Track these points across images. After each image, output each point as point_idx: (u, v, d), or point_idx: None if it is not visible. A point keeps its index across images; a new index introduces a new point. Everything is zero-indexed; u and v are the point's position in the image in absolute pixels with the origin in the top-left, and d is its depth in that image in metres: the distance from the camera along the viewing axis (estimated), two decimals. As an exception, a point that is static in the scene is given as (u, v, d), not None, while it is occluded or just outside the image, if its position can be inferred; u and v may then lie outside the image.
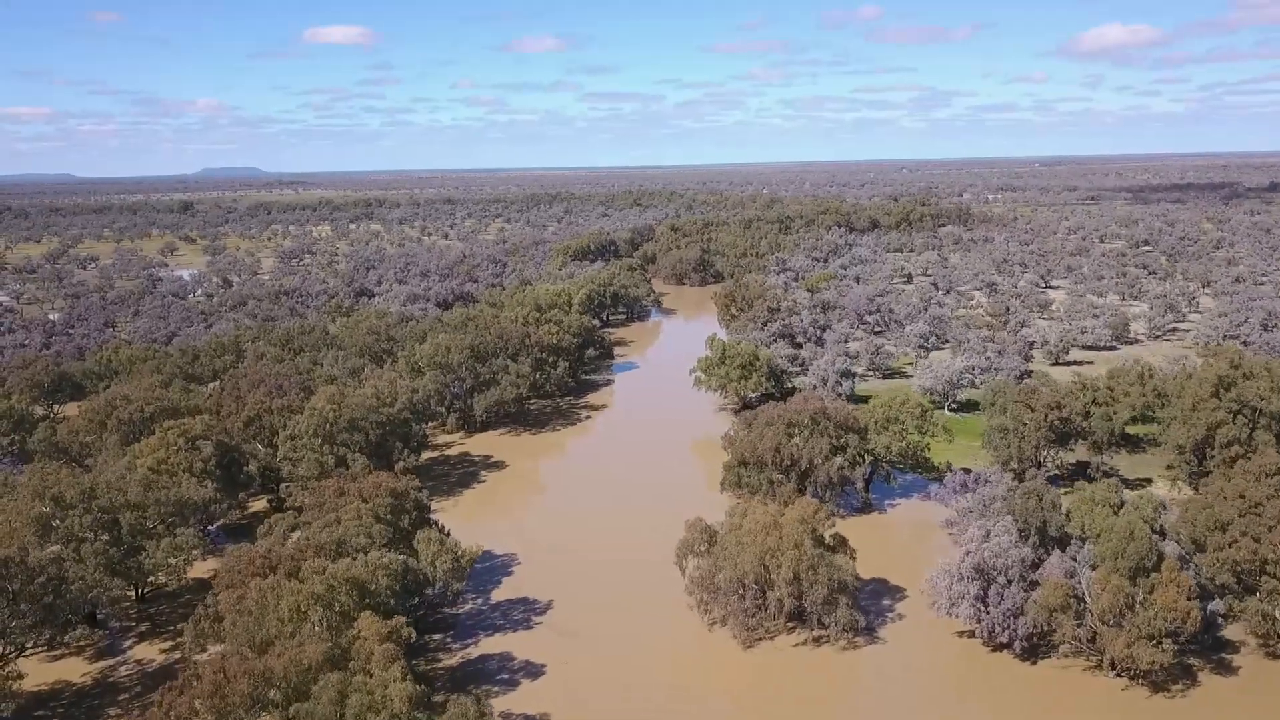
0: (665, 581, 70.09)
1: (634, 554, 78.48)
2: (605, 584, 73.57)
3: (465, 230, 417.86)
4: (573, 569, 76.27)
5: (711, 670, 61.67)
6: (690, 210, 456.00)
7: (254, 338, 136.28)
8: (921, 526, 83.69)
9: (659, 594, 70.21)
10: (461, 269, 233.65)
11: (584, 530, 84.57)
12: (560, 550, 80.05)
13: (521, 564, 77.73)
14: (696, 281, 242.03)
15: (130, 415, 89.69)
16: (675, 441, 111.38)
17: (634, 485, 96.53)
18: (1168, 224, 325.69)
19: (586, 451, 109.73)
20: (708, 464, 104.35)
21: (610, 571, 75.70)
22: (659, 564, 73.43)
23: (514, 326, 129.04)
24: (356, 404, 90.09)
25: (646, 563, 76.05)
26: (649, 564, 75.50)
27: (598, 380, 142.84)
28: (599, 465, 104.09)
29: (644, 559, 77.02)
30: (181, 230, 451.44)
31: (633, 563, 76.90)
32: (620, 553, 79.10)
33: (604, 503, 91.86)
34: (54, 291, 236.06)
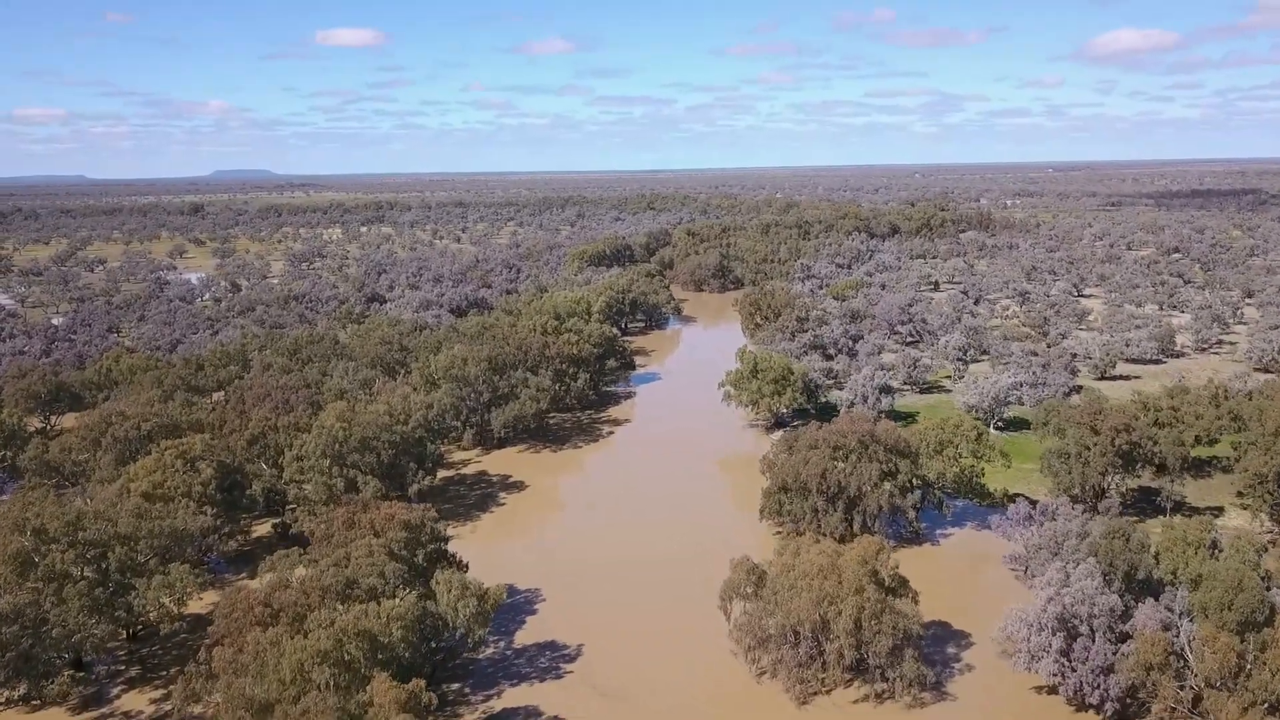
0: (705, 622, 63.77)
1: (668, 590, 72.13)
2: (639, 625, 67.18)
3: (477, 234, 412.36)
4: (603, 607, 69.91)
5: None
6: (704, 214, 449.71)
7: (260, 346, 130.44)
8: (979, 560, 77.09)
9: (699, 637, 63.89)
10: (475, 274, 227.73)
11: (612, 561, 78.19)
12: (588, 585, 73.69)
13: (546, 601, 71.39)
14: (716, 288, 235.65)
15: (126, 433, 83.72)
16: (702, 459, 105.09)
17: (662, 508, 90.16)
18: (1196, 231, 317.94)
19: (610, 470, 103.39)
20: (738, 484, 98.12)
21: (644, 611, 69.30)
22: (696, 601, 67.14)
23: (532, 336, 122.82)
24: (368, 421, 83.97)
25: (682, 600, 69.75)
26: (685, 601, 69.20)
27: (619, 392, 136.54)
28: (624, 486, 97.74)
29: (679, 595, 70.71)
30: (191, 232, 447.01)
31: (668, 600, 70.53)
32: (653, 588, 72.69)
33: (632, 529, 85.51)
34: (59, 295, 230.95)
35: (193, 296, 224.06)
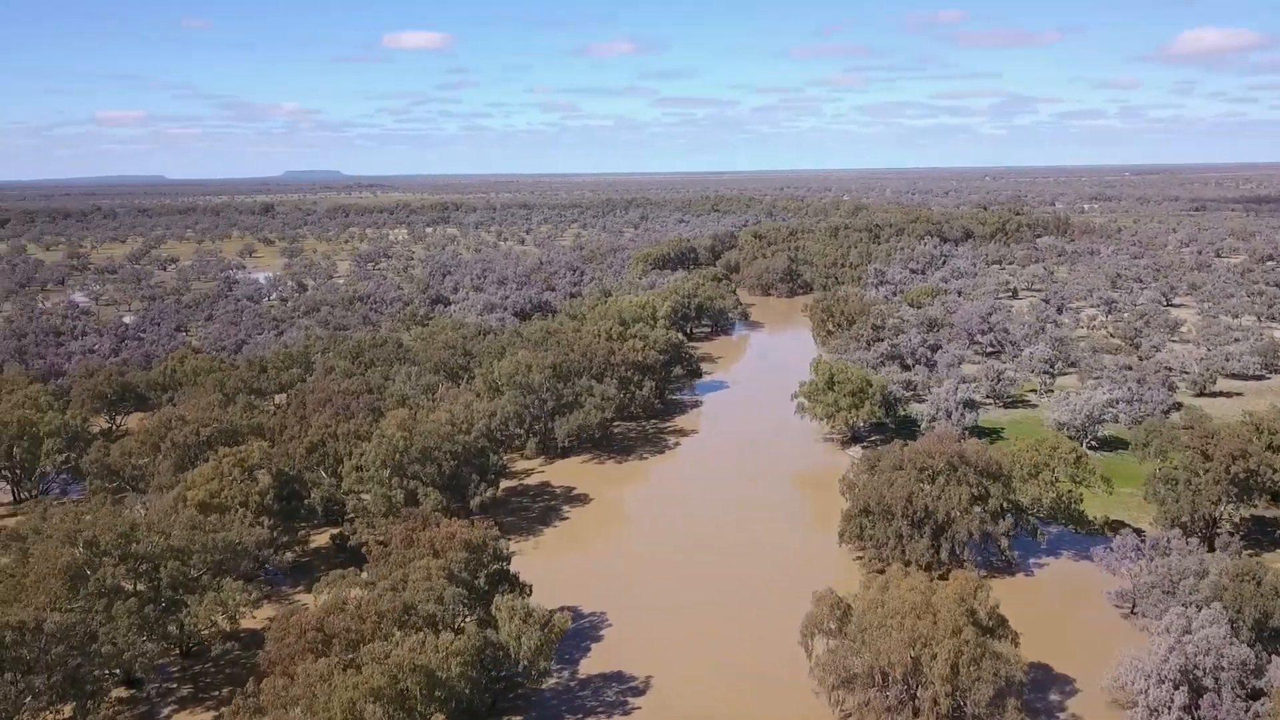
0: (783, 655, 59.31)
1: (742, 618, 67.76)
2: (712, 656, 62.90)
3: (541, 235, 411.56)
4: (672, 635, 65.77)
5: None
6: (770, 216, 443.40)
7: (324, 349, 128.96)
8: (1079, 594, 71.28)
9: (777, 673, 59.47)
10: (539, 276, 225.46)
11: (681, 584, 74.02)
12: (656, 610, 69.59)
13: (612, 626, 67.49)
14: (784, 292, 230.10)
15: (185, 439, 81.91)
16: (774, 474, 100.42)
17: (733, 527, 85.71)
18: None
19: (677, 484, 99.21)
20: (813, 502, 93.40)
21: (717, 640, 65.00)
22: (772, 631, 62.84)
23: (597, 342, 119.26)
24: (429, 431, 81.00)
25: (758, 629, 65.39)
26: (761, 631, 64.88)
27: (684, 401, 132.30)
28: (692, 501, 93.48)
29: (754, 624, 66.34)
30: (261, 232, 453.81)
31: (742, 629, 66.16)
32: (726, 616, 68.35)
33: (701, 549, 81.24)
34: (131, 293, 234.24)
35: (260, 296, 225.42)
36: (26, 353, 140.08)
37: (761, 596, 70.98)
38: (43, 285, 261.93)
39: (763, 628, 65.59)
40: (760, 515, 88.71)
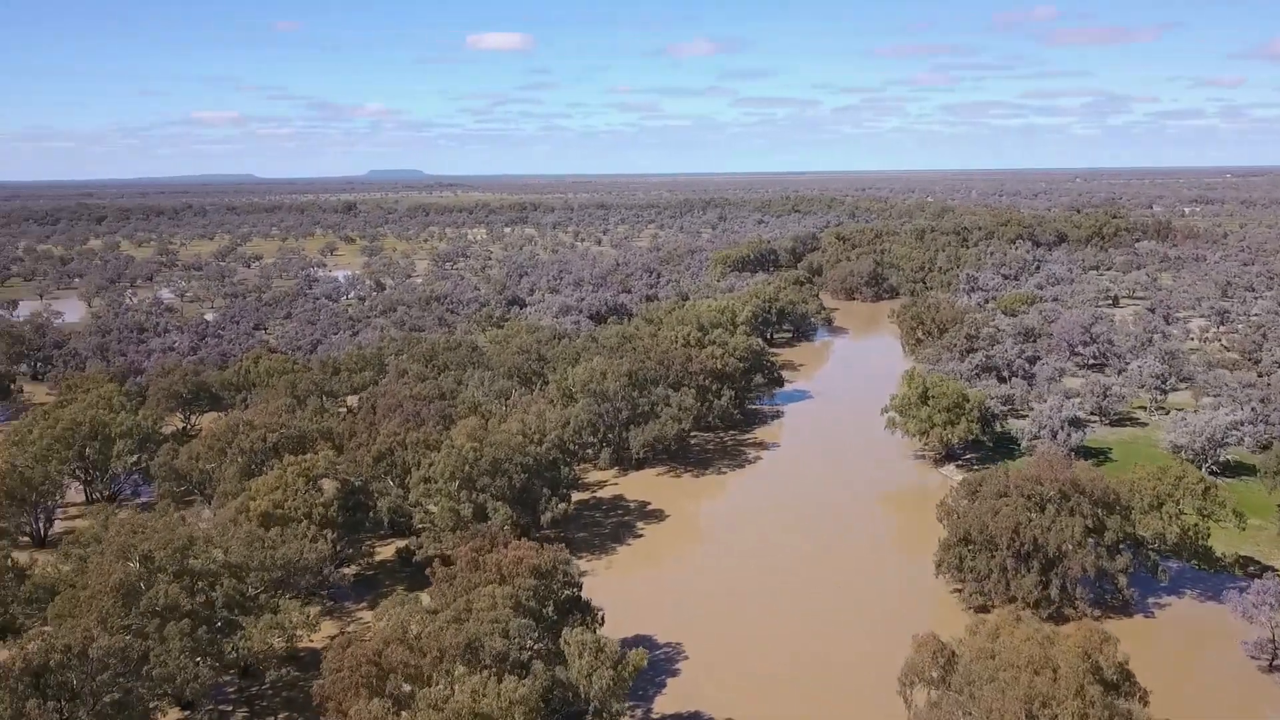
0: (877, 700, 53.94)
1: (830, 656, 62.42)
2: (798, 700, 57.76)
3: (618, 236, 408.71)
4: (753, 672, 60.77)
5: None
6: (852, 218, 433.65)
7: (397, 351, 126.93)
8: (1207, 641, 64.27)
9: (868, 717, 54.20)
10: (615, 278, 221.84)
11: (761, 613, 68.95)
12: (736, 642, 64.66)
13: (689, 659, 62.78)
14: (869, 297, 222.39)
15: (252, 444, 79.69)
16: (861, 493, 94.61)
17: (818, 551, 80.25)
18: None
19: (756, 501, 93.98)
20: (905, 525, 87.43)
21: (803, 681, 59.78)
22: (865, 673, 57.55)
23: (675, 349, 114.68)
24: (500, 442, 77.35)
25: (848, 671, 60.07)
26: (852, 673, 59.57)
27: (764, 411, 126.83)
28: (772, 520, 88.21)
29: (845, 665, 61.00)
30: (343, 230, 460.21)
31: (830, 670, 60.86)
32: (812, 653, 63.06)
33: (782, 572, 76.05)
34: (215, 290, 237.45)
35: (338, 295, 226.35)
36: (109, 350, 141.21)
37: (850, 631, 65.57)
38: (132, 281, 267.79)
39: (853, 668, 60.24)
40: (847, 538, 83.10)
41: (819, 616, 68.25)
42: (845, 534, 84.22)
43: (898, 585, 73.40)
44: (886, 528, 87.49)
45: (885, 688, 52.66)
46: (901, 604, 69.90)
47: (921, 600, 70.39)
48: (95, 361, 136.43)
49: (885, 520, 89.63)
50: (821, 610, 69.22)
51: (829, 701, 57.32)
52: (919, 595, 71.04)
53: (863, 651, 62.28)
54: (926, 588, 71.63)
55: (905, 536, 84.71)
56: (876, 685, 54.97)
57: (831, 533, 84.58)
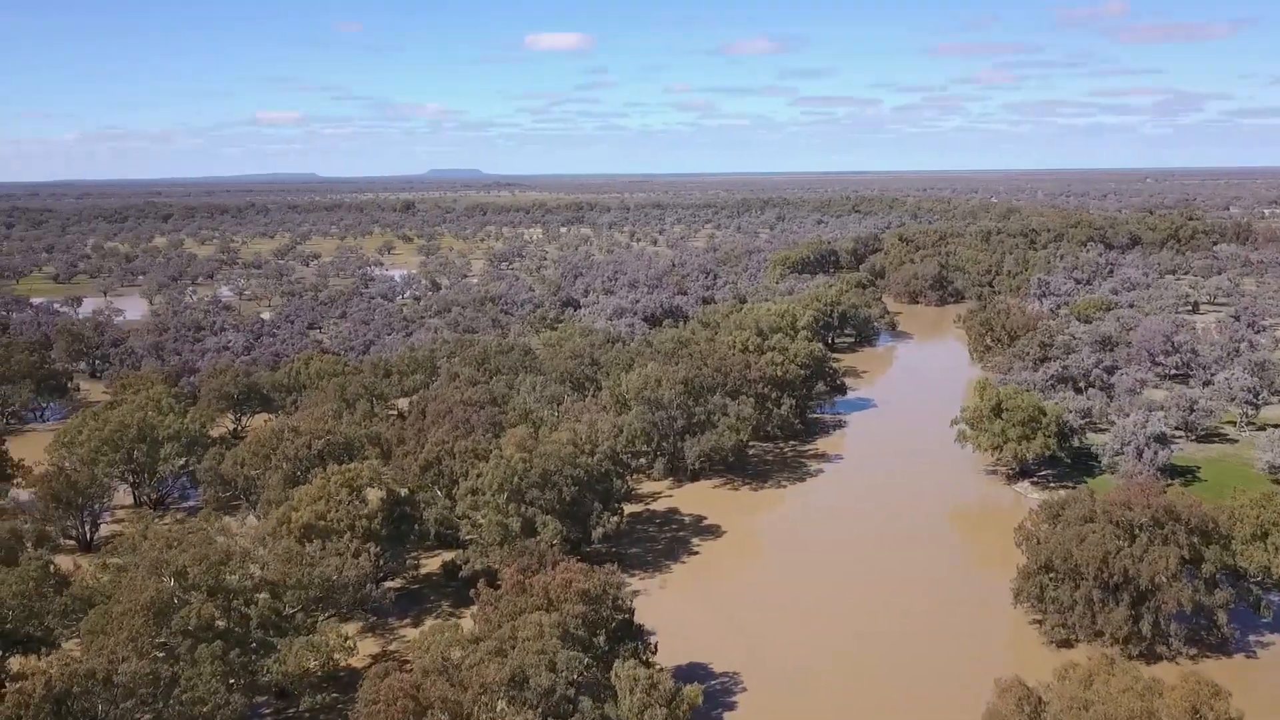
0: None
1: (896, 694, 57.95)
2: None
3: (674, 236, 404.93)
4: (815, 711, 56.58)
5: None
6: (914, 218, 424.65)
7: (450, 353, 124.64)
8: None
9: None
10: (671, 279, 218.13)
11: (823, 642, 64.70)
12: (796, 675, 60.45)
13: (747, 692, 58.77)
14: (933, 300, 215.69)
15: (296, 451, 77.50)
16: (930, 510, 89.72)
17: (882, 572, 75.67)
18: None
19: (819, 516, 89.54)
20: (976, 546, 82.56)
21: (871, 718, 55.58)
22: (935, 711, 53.06)
23: (733, 355, 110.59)
24: (550, 452, 74.10)
25: (916, 708, 55.55)
26: (920, 710, 55.04)
27: (826, 420, 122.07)
28: (835, 538, 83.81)
29: (912, 702, 56.48)
30: (401, 229, 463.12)
31: (899, 705, 56.43)
32: (881, 689, 58.67)
33: (846, 596, 71.74)
34: (272, 289, 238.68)
35: (393, 294, 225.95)
36: (164, 349, 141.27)
37: (922, 663, 61.02)
38: (193, 279, 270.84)
39: (925, 708, 55.74)
40: (915, 558, 78.34)
41: (887, 644, 63.83)
42: (913, 554, 79.49)
43: (971, 612, 68.62)
44: (957, 548, 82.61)
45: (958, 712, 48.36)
46: (976, 633, 65.21)
47: (998, 630, 65.62)
48: (150, 360, 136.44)
49: (955, 540, 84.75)
50: (890, 637, 64.77)
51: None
52: (995, 624, 66.26)
53: (937, 687, 57.78)
54: (1003, 616, 66.78)
55: (977, 557, 79.84)
56: (945, 710, 50.63)
57: (899, 552, 79.92)
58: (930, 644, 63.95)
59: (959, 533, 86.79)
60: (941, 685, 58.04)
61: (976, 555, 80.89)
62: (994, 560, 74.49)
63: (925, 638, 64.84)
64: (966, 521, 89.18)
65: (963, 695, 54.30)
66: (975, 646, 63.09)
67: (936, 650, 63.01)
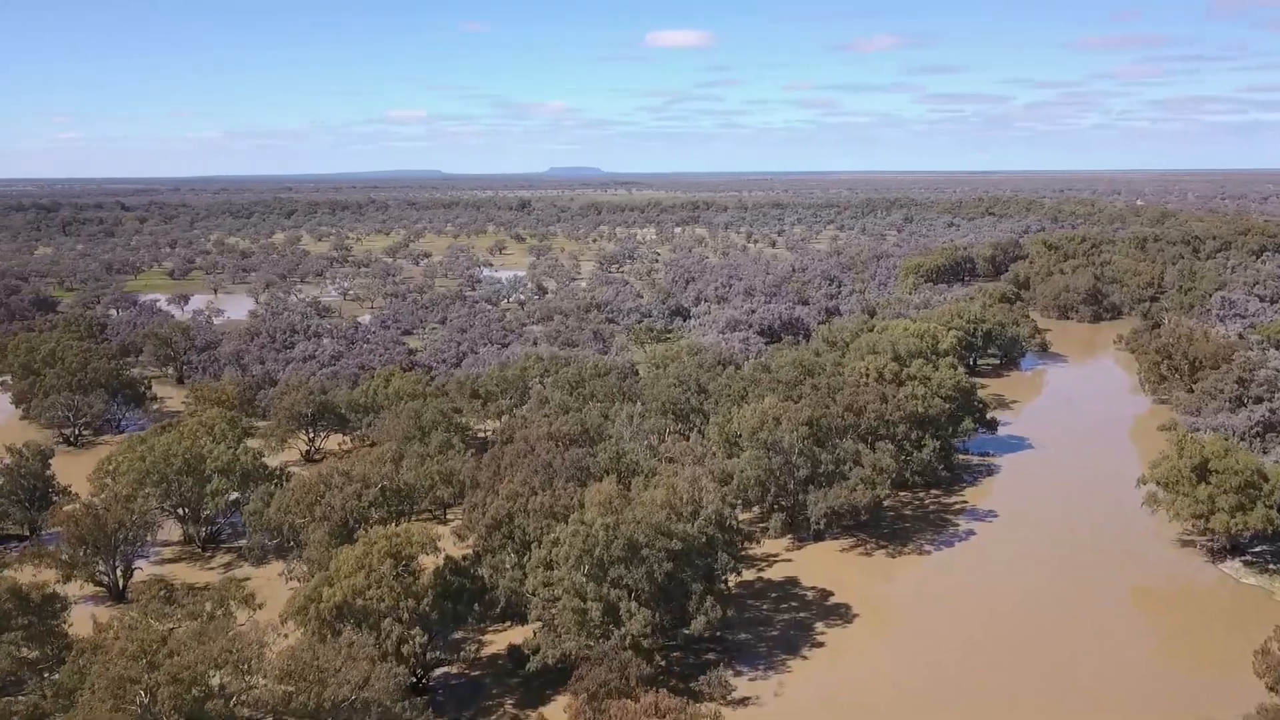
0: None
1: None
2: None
3: (794, 238, 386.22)
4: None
5: None
6: (1054, 222, 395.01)
7: (543, 372, 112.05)
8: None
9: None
10: (791, 286, 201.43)
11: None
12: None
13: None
14: (1087, 317, 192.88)
15: (344, 502, 65.50)
16: (1107, 588, 72.47)
17: (1053, 670, 58.75)
18: None
19: (972, 594, 72.76)
20: (1169, 638, 64.99)
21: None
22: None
23: (864, 385, 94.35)
24: (641, 518, 60.00)
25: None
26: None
27: (973, 463, 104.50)
28: (995, 623, 67.13)
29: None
30: (515, 228, 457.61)
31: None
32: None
33: (1012, 704, 55.32)
34: (377, 289, 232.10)
35: (498, 298, 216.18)
36: (246, 356, 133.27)
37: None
38: (302, 277, 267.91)
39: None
40: (1096, 652, 61.10)
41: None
42: (1094, 646, 62.37)
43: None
44: (1151, 642, 64.86)
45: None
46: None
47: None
48: (232, 369, 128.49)
49: (1147, 631, 67.00)
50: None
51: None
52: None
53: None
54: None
55: (1175, 654, 62.29)
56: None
57: (1074, 643, 62.92)
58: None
59: (1149, 618, 69.16)
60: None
61: (1174, 651, 63.23)
62: (1199, 659, 57.64)
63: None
64: (1156, 605, 71.35)
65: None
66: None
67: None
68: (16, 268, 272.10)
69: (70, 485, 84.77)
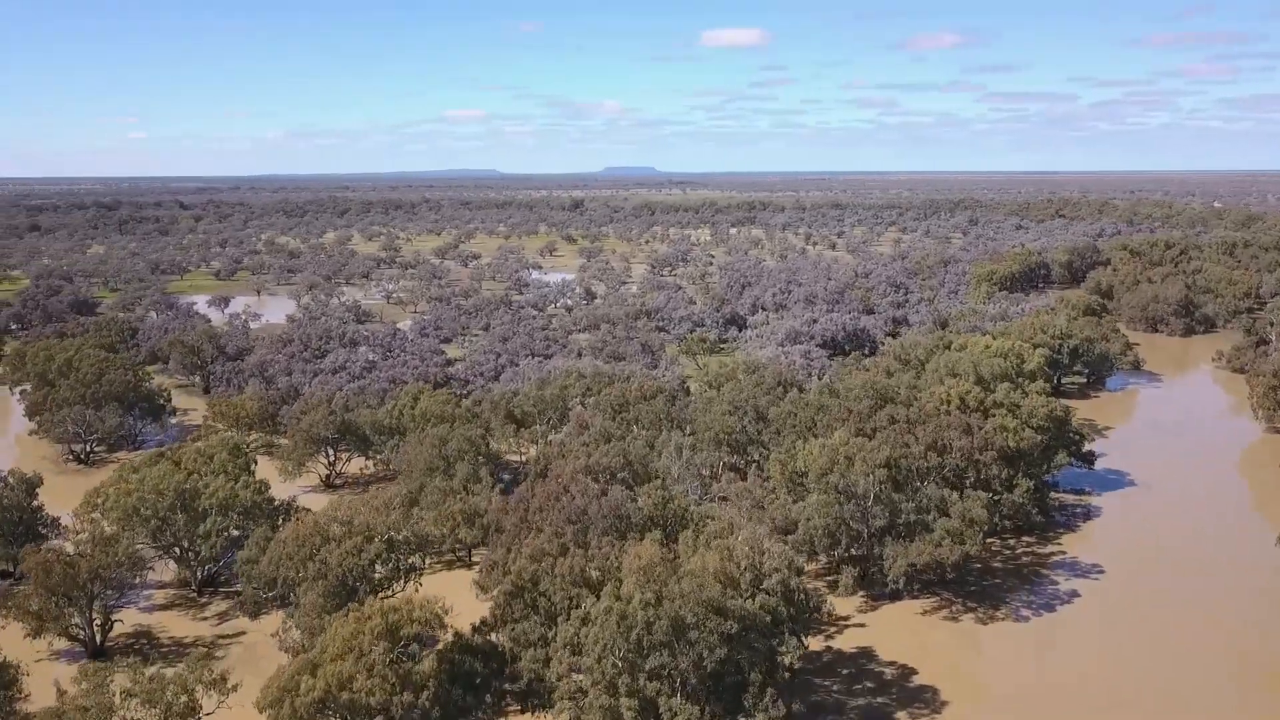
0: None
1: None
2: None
3: (854, 240, 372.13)
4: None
5: None
6: (1130, 225, 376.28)
7: (584, 391, 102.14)
8: None
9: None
10: (855, 293, 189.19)
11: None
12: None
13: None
14: (1179, 330, 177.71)
15: (340, 560, 55.98)
16: (1253, 667, 60.12)
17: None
18: None
19: (1087, 677, 61.09)
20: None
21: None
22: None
23: (948, 416, 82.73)
24: (690, 592, 49.55)
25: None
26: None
27: (1069, 503, 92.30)
28: (1121, 712, 55.59)
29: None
30: (567, 228, 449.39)
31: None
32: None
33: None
34: (422, 292, 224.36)
35: (545, 303, 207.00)
36: (272, 367, 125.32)
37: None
38: (347, 279, 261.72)
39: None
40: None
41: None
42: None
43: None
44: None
45: None
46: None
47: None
48: (256, 382, 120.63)
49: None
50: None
51: None
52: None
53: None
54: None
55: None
56: None
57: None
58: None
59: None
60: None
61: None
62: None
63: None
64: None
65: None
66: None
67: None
68: (65, 267, 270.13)
69: (60, 517, 76.98)
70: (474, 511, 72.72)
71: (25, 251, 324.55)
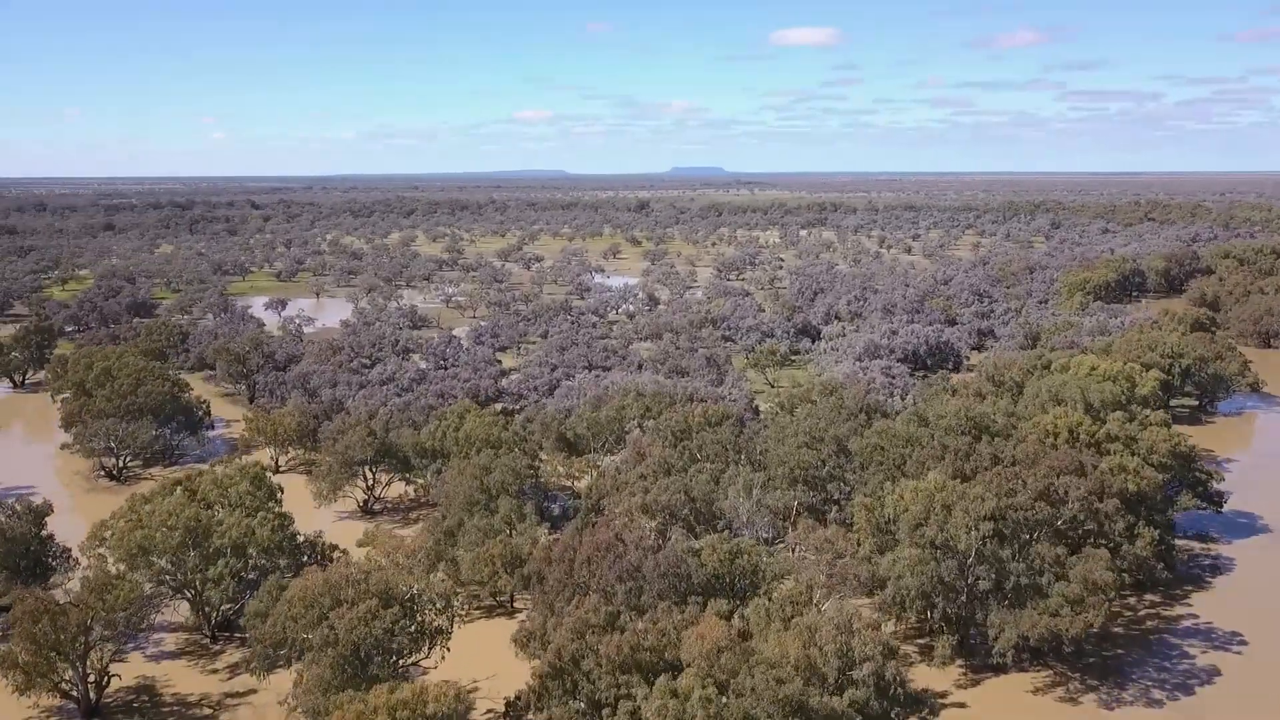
0: None
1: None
2: None
3: (930, 243, 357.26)
4: None
5: None
6: (1227, 229, 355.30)
7: (642, 413, 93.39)
8: None
9: None
10: (935, 303, 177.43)
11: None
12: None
13: None
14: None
15: (350, 628, 47.96)
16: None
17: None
18: None
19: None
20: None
21: None
22: None
23: (1060, 458, 71.90)
24: (763, 687, 40.46)
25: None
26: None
27: (1195, 551, 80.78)
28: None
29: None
30: (632, 230, 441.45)
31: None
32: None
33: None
34: (481, 296, 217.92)
35: (606, 309, 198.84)
36: (316, 378, 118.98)
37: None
38: (408, 281, 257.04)
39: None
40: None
41: None
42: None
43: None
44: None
45: None
46: None
47: None
48: (298, 395, 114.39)
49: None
50: None
51: None
52: None
53: None
54: None
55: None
56: None
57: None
58: None
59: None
60: None
61: None
62: None
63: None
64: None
65: None
66: None
67: None
68: (131, 267, 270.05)
69: (72, 549, 70.73)
70: (515, 555, 64.42)
71: (96, 251, 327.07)
